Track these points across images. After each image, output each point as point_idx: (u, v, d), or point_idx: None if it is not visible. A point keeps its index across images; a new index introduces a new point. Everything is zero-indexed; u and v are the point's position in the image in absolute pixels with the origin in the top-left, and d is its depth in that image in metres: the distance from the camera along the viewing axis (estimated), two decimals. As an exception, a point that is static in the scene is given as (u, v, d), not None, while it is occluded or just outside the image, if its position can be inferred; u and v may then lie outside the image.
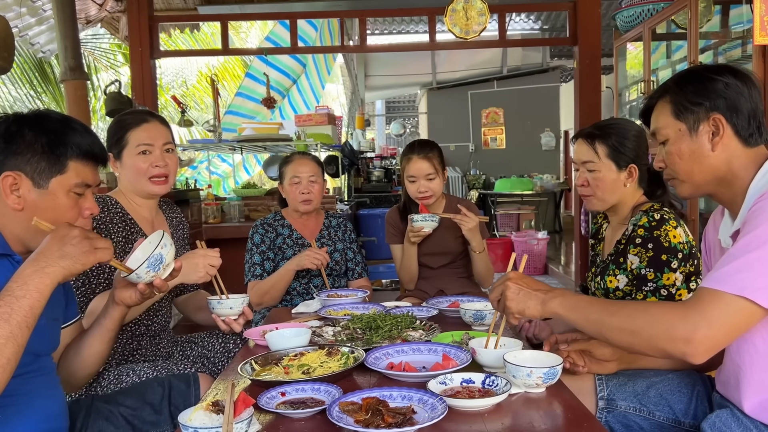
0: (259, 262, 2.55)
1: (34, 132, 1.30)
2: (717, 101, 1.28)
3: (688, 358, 1.13)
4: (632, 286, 1.77)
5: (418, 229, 2.45)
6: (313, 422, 1.21)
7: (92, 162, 1.37)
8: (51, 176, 1.30)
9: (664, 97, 1.36)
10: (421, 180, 2.53)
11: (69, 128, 1.34)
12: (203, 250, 1.83)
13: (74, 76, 4.32)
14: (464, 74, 10.44)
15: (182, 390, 1.60)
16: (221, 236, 4.39)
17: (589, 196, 1.93)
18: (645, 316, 1.18)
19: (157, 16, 5.15)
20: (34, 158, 1.29)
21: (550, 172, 9.98)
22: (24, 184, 1.28)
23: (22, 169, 1.28)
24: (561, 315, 1.32)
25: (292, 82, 7.59)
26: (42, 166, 1.29)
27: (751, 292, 1.09)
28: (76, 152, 1.33)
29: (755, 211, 1.17)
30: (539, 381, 1.31)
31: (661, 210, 1.78)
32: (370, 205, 6.84)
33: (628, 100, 5.04)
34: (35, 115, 1.34)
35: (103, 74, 8.93)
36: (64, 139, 1.32)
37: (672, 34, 4.29)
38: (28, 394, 1.26)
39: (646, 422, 1.52)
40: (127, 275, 1.39)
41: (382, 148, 9.27)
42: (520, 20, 8.18)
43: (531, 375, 1.30)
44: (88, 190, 1.38)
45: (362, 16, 5.11)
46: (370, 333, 1.74)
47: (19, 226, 1.29)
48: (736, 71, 1.30)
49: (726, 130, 1.28)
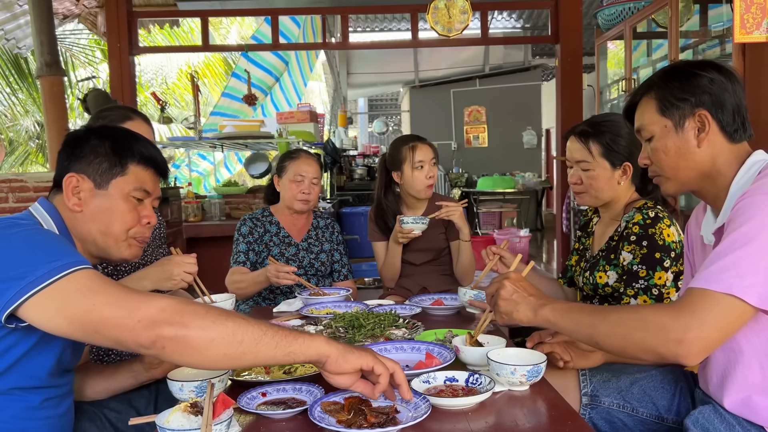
0: (244, 250, 2.53)
1: (99, 138, 1.35)
2: (702, 97, 1.27)
3: (681, 360, 1.12)
4: (621, 282, 1.76)
5: (407, 231, 2.44)
6: (295, 423, 1.19)
7: (153, 169, 1.41)
8: (111, 177, 1.33)
9: (648, 94, 1.35)
10: (428, 165, 2.56)
11: (134, 137, 1.40)
12: (179, 257, 1.76)
13: (51, 72, 4.25)
14: (447, 72, 10.45)
15: (170, 395, 1.57)
16: (202, 234, 4.34)
17: (582, 192, 1.92)
18: (635, 319, 1.17)
19: (136, 11, 5.08)
20: (97, 160, 1.33)
21: (531, 171, 10.04)
22: (85, 186, 1.31)
23: (85, 171, 1.32)
24: (551, 322, 1.30)
25: (275, 80, 7.54)
26: (104, 167, 1.33)
27: (739, 290, 1.08)
28: (137, 156, 1.37)
29: (739, 209, 1.16)
30: (523, 379, 1.30)
31: (655, 208, 1.77)
32: (352, 203, 6.81)
33: (609, 98, 5.07)
34: (103, 126, 1.42)
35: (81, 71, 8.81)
36: (127, 144, 1.37)
37: (652, 33, 4.32)
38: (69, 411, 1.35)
39: (630, 418, 1.53)
40: None
41: (364, 146, 9.25)
42: (502, 18, 8.20)
43: (515, 373, 1.29)
44: (147, 200, 1.40)
45: (344, 12, 5.10)
46: (353, 332, 1.73)
47: (81, 229, 1.32)
48: (719, 67, 1.30)
49: (712, 126, 1.27)
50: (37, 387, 1.23)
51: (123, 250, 1.37)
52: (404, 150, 2.57)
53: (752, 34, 2.48)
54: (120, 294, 1.08)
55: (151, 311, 1.04)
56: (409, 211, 2.68)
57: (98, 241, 1.33)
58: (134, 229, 1.37)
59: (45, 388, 1.25)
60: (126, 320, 1.04)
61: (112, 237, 1.34)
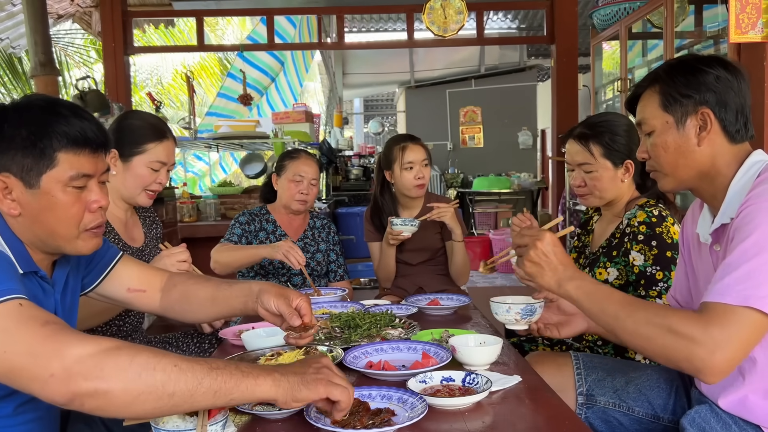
0: (239, 233, 2.54)
1: (12, 126, 1.12)
2: (707, 95, 1.25)
3: (702, 377, 1.09)
4: (640, 287, 1.75)
5: (397, 233, 2.43)
6: (291, 423, 1.19)
7: (87, 149, 1.17)
8: (41, 173, 1.13)
9: (652, 87, 1.32)
10: (418, 166, 2.54)
11: (53, 115, 1.15)
12: (167, 251, 1.83)
13: (45, 71, 4.22)
14: (442, 73, 10.45)
15: None
16: (197, 235, 4.32)
17: (586, 195, 1.91)
18: (663, 325, 1.11)
19: (131, 11, 5.06)
20: (18, 155, 1.12)
21: (527, 171, 10.03)
22: (15, 186, 1.13)
23: (9, 168, 1.12)
24: (574, 299, 1.25)
25: (271, 80, 7.52)
26: (28, 163, 1.12)
27: (756, 301, 1.05)
28: (63, 141, 1.14)
29: (744, 218, 1.14)
30: (518, 317, 1.34)
31: (657, 206, 1.78)
32: (348, 203, 6.80)
33: (605, 98, 5.07)
34: (15, 106, 1.16)
35: (75, 71, 8.77)
36: (46, 130, 1.13)
37: (648, 34, 4.32)
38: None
39: (626, 418, 1.52)
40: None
41: (360, 147, 9.23)
42: (498, 19, 8.21)
43: (510, 311, 1.33)
44: (91, 181, 1.19)
45: (340, 12, 5.09)
46: (349, 331, 1.72)
47: (26, 233, 1.16)
48: (727, 63, 1.28)
49: (714, 125, 1.25)
50: (4, 396, 1.12)
51: (79, 247, 1.21)
52: (395, 150, 2.58)
53: (747, 34, 2.49)
54: (35, 340, 0.94)
55: (66, 362, 0.92)
56: (404, 211, 2.68)
57: (48, 243, 1.18)
58: (85, 220, 1.19)
59: (14, 395, 1.12)
60: (39, 372, 0.93)
61: (62, 238, 1.18)
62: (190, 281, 1.52)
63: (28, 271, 1.16)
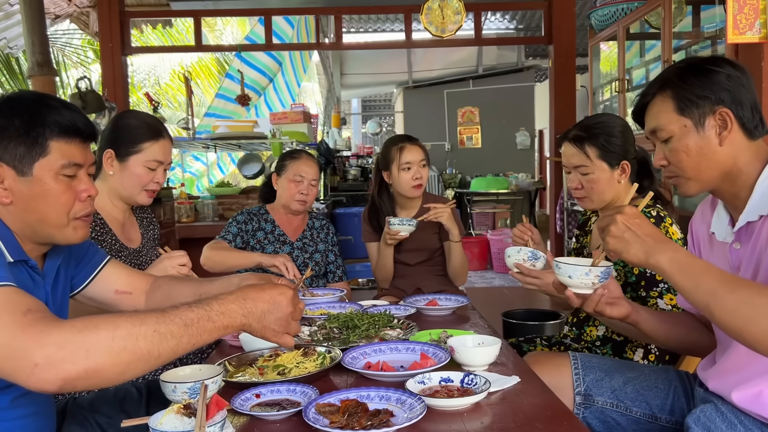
0: (235, 232, 2.54)
1: (5, 116, 1.17)
2: (722, 94, 1.24)
3: None
4: (641, 288, 1.75)
5: (394, 233, 2.43)
6: (289, 424, 1.19)
7: (77, 138, 1.22)
8: (33, 161, 1.17)
9: (663, 93, 1.30)
10: (416, 166, 2.54)
11: (44, 106, 1.20)
12: (167, 254, 1.83)
13: (42, 71, 4.20)
14: (440, 73, 10.45)
15: (161, 397, 1.55)
16: (195, 235, 4.32)
17: (584, 197, 1.91)
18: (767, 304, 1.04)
19: (128, 11, 5.05)
20: (11, 144, 1.16)
21: (525, 171, 10.04)
22: (7, 174, 1.17)
23: (1, 158, 1.16)
24: (666, 273, 1.16)
25: (269, 80, 7.52)
26: (21, 151, 1.16)
27: None
28: (55, 130, 1.19)
29: None
30: (596, 280, 1.32)
31: (655, 207, 1.78)
32: (346, 203, 6.80)
33: (602, 99, 5.08)
34: (6, 99, 1.21)
35: (73, 71, 8.75)
36: (39, 119, 1.18)
37: (645, 34, 4.33)
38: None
39: (623, 418, 1.53)
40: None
41: (358, 147, 9.23)
42: (496, 19, 8.21)
43: (589, 274, 1.31)
44: (80, 171, 1.24)
45: (338, 13, 5.09)
46: (347, 332, 1.72)
47: (16, 221, 1.19)
48: (731, 62, 1.28)
49: (734, 123, 1.24)
50: (2, 388, 1.14)
51: (69, 236, 1.24)
52: (393, 150, 2.58)
53: (745, 35, 2.49)
54: (15, 330, 0.94)
55: (47, 350, 0.92)
56: (402, 212, 2.68)
57: (39, 231, 1.21)
58: (75, 209, 1.23)
59: (11, 387, 1.14)
60: (22, 364, 0.92)
61: (52, 225, 1.21)
62: (173, 282, 1.58)
63: (17, 260, 1.17)
